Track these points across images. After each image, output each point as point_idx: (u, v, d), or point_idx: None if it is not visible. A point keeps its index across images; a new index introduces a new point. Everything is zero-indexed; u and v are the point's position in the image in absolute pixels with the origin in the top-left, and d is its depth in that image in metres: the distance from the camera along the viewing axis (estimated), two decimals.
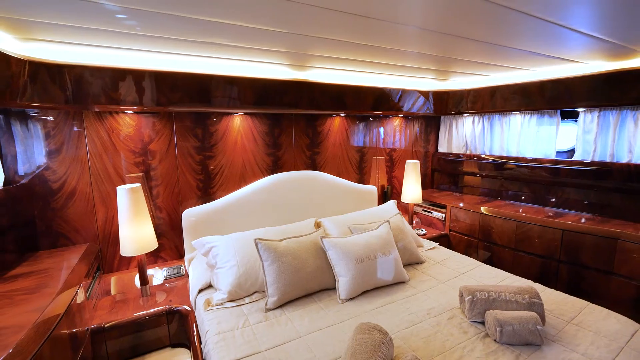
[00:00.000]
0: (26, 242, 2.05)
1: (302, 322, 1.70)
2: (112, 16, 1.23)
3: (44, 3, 1.14)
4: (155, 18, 1.29)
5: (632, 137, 2.56)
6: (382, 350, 1.28)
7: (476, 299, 1.68)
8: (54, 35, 1.50)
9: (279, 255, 1.90)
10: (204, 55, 1.98)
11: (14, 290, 1.57)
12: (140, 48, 1.75)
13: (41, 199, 2.10)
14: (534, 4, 1.30)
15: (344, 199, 3.05)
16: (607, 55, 2.14)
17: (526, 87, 2.96)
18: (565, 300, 1.86)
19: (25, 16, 1.28)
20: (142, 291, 2.16)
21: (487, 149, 3.57)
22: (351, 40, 1.74)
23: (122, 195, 2.02)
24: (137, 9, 1.18)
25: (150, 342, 2.00)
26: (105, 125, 2.22)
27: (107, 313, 1.97)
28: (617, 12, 1.38)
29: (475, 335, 1.58)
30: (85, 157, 2.18)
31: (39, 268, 1.85)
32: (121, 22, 1.30)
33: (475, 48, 1.95)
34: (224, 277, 1.93)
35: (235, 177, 2.73)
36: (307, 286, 1.93)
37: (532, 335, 1.49)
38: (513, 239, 2.88)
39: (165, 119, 2.41)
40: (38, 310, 1.39)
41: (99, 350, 1.87)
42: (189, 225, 2.43)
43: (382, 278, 2.03)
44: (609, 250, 2.36)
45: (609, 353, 1.42)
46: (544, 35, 1.70)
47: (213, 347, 1.52)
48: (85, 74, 1.90)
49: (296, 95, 2.67)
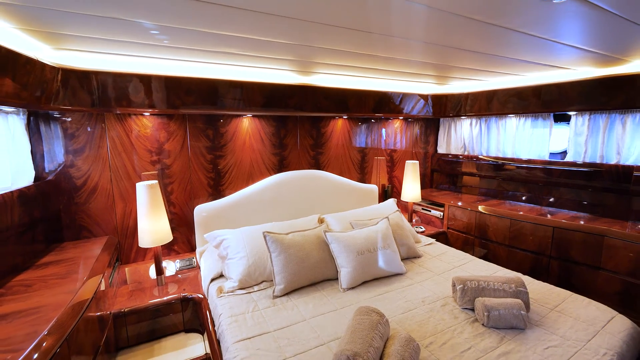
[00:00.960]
0: (53, 234, 2.22)
1: (307, 308, 1.85)
2: (147, 32, 1.40)
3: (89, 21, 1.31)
4: (183, 33, 1.46)
5: (620, 140, 2.70)
6: (379, 329, 1.43)
7: (467, 288, 1.83)
8: (86, 45, 1.67)
9: (285, 247, 2.06)
10: (217, 62, 2.15)
11: (47, 275, 1.74)
12: (162, 56, 1.92)
13: (66, 194, 2.27)
14: (526, 24, 1.46)
15: (346, 197, 3.20)
16: (595, 63, 2.28)
17: (521, 92, 3.10)
18: (551, 290, 2.00)
19: (64, 30, 1.45)
20: (157, 281, 2.33)
21: (484, 150, 3.71)
22: (353, 51, 1.90)
23: (141, 191, 2.18)
24: (170, 26, 1.35)
25: (166, 327, 2.17)
26: (124, 126, 2.39)
27: (126, 300, 2.14)
28: (602, 28, 1.52)
29: (465, 320, 1.73)
30: (106, 156, 2.35)
31: (66, 257, 2.02)
32: (153, 36, 1.47)
33: (472, 57, 2.10)
34: (234, 267, 2.10)
35: (243, 175, 2.89)
36: (311, 276, 2.09)
37: (516, 320, 1.63)
38: (507, 236, 3.02)
39: (179, 120, 2.58)
40: (71, 292, 1.56)
41: (120, 333, 2.04)
42: (200, 220, 2.59)
43: (381, 269, 2.19)
44: (597, 247, 2.49)
45: (586, 335, 1.56)
46: (537, 47, 1.86)
47: (226, 327, 1.68)
48: (109, 80, 2.08)
49: (301, 99, 2.83)
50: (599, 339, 1.53)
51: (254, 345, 1.54)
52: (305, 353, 1.48)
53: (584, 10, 1.29)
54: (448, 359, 1.44)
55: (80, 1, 1.14)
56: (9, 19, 1.32)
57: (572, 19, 1.41)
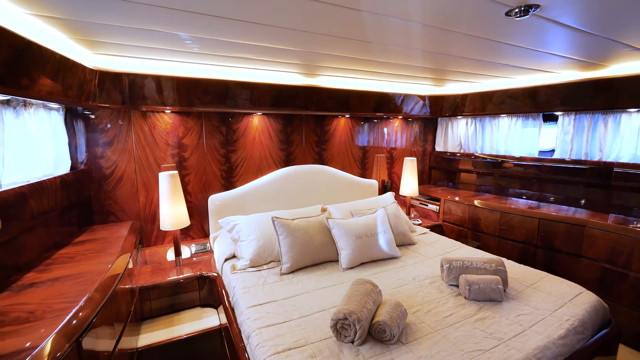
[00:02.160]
0: (84, 217, 2.49)
1: (310, 282, 2.10)
2: (182, 42, 1.66)
3: (132, 32, 1.58)
4: (211, 42, 1.73)
5: (602, 138, 2.91)
6: (372, 295, 1.67)
7: (452, 267, 2.06)
8: (121, 51, 1.94)
9: (291, 231, 2.30)
10: (232, 65, 2.40)
11: (85, 250, 2.01)
12: (184, 60, 2.18)
13: (96, 182, 2.54)
14: (514, 37, 1.70)
15: (348, 191, 3.44)
16: (578, 67, 2.50)
17: (512, 93, 3.32)
18: (530, 271, 2.22)
19: (107, 39, 1.71)
20: (176, 261, 2.58)
21: (479, 148, 3.93)
22: (354, 56, 2.14)
23: (164, 179, 2.45)
24: (201, 37, 1.62)
25: (184, 302, 2.42)
26: (148, 122, 2.66)
27: (149, 276, 2.39)
28: (584, 39, 1.76)
29: (449, 294, 1.96)
30: (131, 148, 2.62)
31: (98, 237, 2.29)
32: (187, 45, 1.74)
33: (467, 63, 2.35)
34: (246, 248, 2.35)
35: (253, 168, 3.15)
36: (314, 257, 2.33)
37: (494, 293, 1.86)
38: (497, 227, 3.24)
39: (196, 118, 2.84)
40: (108, 263, 1.82)
41: (144, 305, 2.30)
42: (213, 208, 2.85)
43: (377, 252, 2.42)
44: (578, 236, 2.70)
45: (554, 306, 1.78)
46: (525, 56, 2.11)
47: (240, 296, 1.93)
48: (137, 80, 2.34)
49: (307, 99, 3.08)
50: (565, 309, 1.76)
51: (264, 309, 1.78)
52: (309, 316, 1.72)
53: (550, 25, 1.52)
54: (432, 322, 1.67)
55: (131, 17, 1.40)
56: (63, 30, 1.59)
57: (549, 32, 1.64)
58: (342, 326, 1.50)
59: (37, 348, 1.08)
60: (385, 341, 1.50)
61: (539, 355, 1.43)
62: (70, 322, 1.24)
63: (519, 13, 1.27)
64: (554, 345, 1.50)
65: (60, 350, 1.12)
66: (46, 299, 1.41)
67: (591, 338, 1.68)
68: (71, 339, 1.20)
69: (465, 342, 1.50)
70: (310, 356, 1.41)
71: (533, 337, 1.53)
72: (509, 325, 1.64)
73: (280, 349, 1.45)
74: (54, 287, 1.52)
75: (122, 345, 1.75)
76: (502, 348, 1.47)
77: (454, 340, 1.52)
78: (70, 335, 1.20)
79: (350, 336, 1.49)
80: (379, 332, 1.51)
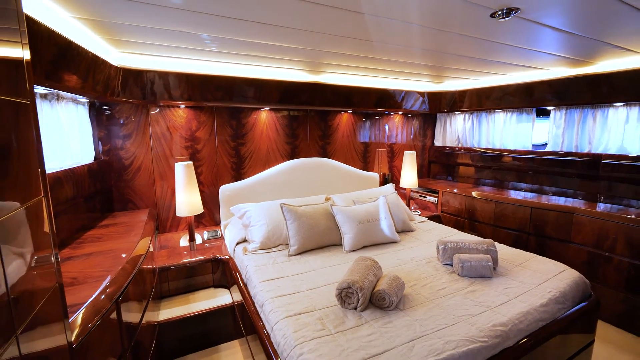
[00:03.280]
0: (106, 204, 2.69)
1: (316, 262, 2.28)
2: (202, 42, 1.85)
3: (159, 33, 1.76)
4: (229, 41, 1.92)
5: (591, 131, 3.08)
6: (373, 270, 1.85)
7: (447, 247, 2.24)
8: (144, 49, 2.13)
9: (298, 216, 2.49)
10: (242, 63, 2.59)
11: (110, 232, 2.20)
12: (199, 58, 2.37)
13: (116, 172, 2.73)
14: (505, 37, 1.88)
15: (350, 182, 3.62)
16: (568, 64, 2.67)
17: (506, 89, 3.49)
18: (519, 253, 2.40)
19: (134, 39, 1.90)
20: (190, 246, 2.77)
21: (476, 142, 4.10)
22: (356, 54, 2.32)
23: (179, 169, 2.64)
24: (221, 36, 1.81)
25: (198, 283, 2.61)
26: (164, 116, 2.85)
27: (166, 259, 2.58)
28: (569, 39, 1.93)
29: (444, 271, 2.14)
30: (148, 141, 2.81)
31: (121, 221, 2.48)
32: (205, 44, 1.92)
33: (463, 60, 2.52)
34: (256, 232, 2.53)
35: (261, 160, 3.33)
36: (320, 240, 2.51)
37: (484, 270, 2.04)
38: (492, 217, 3.41)
39: (209, 112, 3.03)
40: (133, 242, 2.00)
41: (163, 286, 2.49)
42: (224, 197, 3.04)
43: (378, 236, 2.60)
44: (567, 223, 2.87)
45: (539, 280, 1.96)
46: (516, 54, 2.29)
47: (253, 273, 2.12)
48: (156, 77, 2.53)
49: (311, 95, 3.26)
50: (548, 283, 1.93)
51: (275, 283, 1.97)
52: (316, 289, 1.90)
53: (534, 26, 1.69)
54: (427, 293, 1.85)
55: (161, 19, 1.58)
56: (97, 30, 1.78)
57: (534, 32, 1.81)
58: (346, 294, 1.68)
59: (85, 304, 1.27)
60: (385, 308, 1.68)
61: (521, 319, 1.61)
62: (110, 285, 1.43)
63: (502, 15, 1.45)
64: (535, 311, 1.68)
65: (104, 308, 1.32)
66: (84, 269, 1.60)
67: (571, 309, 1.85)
68: (112, 299, 1.39)
69: (456, 309, 1.68)
70: (318, 319, 1.59)
71: (517, 305, 1.71)
72: (496, 295, 1.81)
73: (291, 313, 1.63)
74: (89, 260, 1.71)
75: (146, 318, 1.94)
76: (489, 313, 1.64)
77: (446, 307, 1.70)
78: (110, 295, 1.40)
79: (353, 303, 1.67)
80: (379, 300, 1.69)
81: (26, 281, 0.77)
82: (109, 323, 1.36)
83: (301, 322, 1.56)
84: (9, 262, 0.69)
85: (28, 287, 0.77)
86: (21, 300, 0.73)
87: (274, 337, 1.57)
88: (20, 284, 0.73)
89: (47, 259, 0.89)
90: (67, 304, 1.00)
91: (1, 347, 0.63)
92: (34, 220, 0.83)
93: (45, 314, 0.84)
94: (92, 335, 1.18)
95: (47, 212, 0.90)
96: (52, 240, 0.92)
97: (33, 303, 0.79)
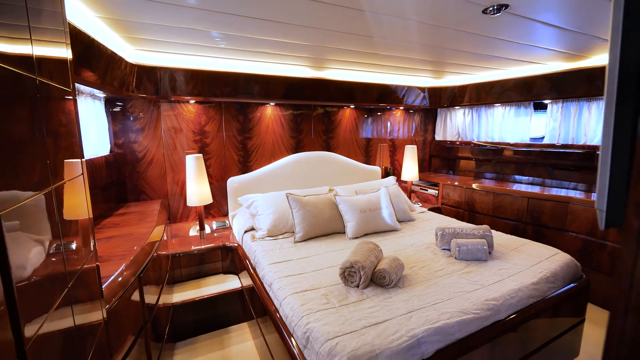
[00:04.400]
0: (120, 195, 2.83)
1: (321, 247, 2.41)
2: (213, 39, 1.97)
3: (173, 31, 1.89)
4: (238, 38, 2.04)
5: (587, 124, 3.17)
6: (374, 252, 1.97)
7: (445, 233, 2.35)
8: (158, 47, 2.26)
9: (303, 205, 2.61)
10: (248, 59, 2.71)
11: (127, 219, 2.34)
12: (210, 55, 2.49)
13: (130, 164, 2.87)
14: (500, 32, 1.99)
15: (352, 176, 3.74)
16: (563, 58, 2.77)
17: (505, 84, 3.59)
18: (514, 239, 2.51)
19: (149, 36, 2.03)
20: (200, 235, 2.91)
21: (476, 136, 4.20)
22: (358, 50, 2.43)
23: (190, 161, 2.77)
24: (231, 34, 1.93)
25: (209, 270, 2.75)
26: (175, 111, 2.98)
27: (177, 247, 2.72)
28: (561, 34, 2.04)
29: (442, 255, 2.25)
30: (160, 134, 2.95)
31: (135, 210, 2.62)
32: (216, 42, 2.05)
33: (461, 55, 2.63)
34: (263, 220, 2.66)
35: (267, 154, 3.46)
36: (324, 228, 2.64)
37: (480, 253, 2.15)
38: (491, 208, 3.52)
39: (217, 107, 3.16)
40: (149, 228, 2.14)
41: (176, 272, 2.63)
42: (232, 189, 3.17)
43: (380, 224, 2.72)
44: (563, 212, 2.97)
45: (531, 262, 2.07)
46: (513, 48, 2.39)
47: (261, 257, 2.25)
48: (167, 73, 2.67)
49: (315, 90, 3.38)
50: (540, 264, 2.04)
51: (282, 266, 2.10)
52: (320, 270, 2.03)
53: (526, 21, 1.80)
54: (425, 274, 1.97)
55: (177, 18, 1.71)
56: (116, 29, 1.91)
57: (526, 27, 1.92)
58: (349, 273, 1.81)
59: (112, 276, 1.40)
60: (385, 285, 1.80)
61: (512, 295, 1.72)
62: (134, 261, 1.57)
63: (493, 11, 1.56)
64: (526, 288, 1.79)
65: (129, 279, 1.45)
66: (107, 249, 1.74)
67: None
68: (135, 273, 1.52)
69: (452, 287, 1.80)
70: (323, 295, 1.72)
71: (509, 283, 1.83)
72: (490, 276, 1.93)
73: (298, 290, 1.76)
74: (111, 242, 1.85)
75: (162, 300, 2.08)
76: (483, 290, 1.76)
77: (443, 285, 1.82)
78: (134, 270, 1.53)
79: (355, 281, 1.79)
80: (379, 278, 1.81)
81: (78, 261, 0.90)
82: (133, 296, 1.50)
83: (307, 297, 1.69)
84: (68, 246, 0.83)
85: (77, 267, 0.90)
86: (78, 277, 0.87)
87: (282, 311, 1.70)
88: (70, 264, 0.86)
89: (88, 243, 1.02)
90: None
91: (58, 305, 0.74)
92: (78, 207, 0.96)
93: (85, 285, 0.98)
94: (119, 304, 1.31)
95: (87, 199, 1.03)
96: (91, 226, 1.05)
97: (84, 279, 0.93)
